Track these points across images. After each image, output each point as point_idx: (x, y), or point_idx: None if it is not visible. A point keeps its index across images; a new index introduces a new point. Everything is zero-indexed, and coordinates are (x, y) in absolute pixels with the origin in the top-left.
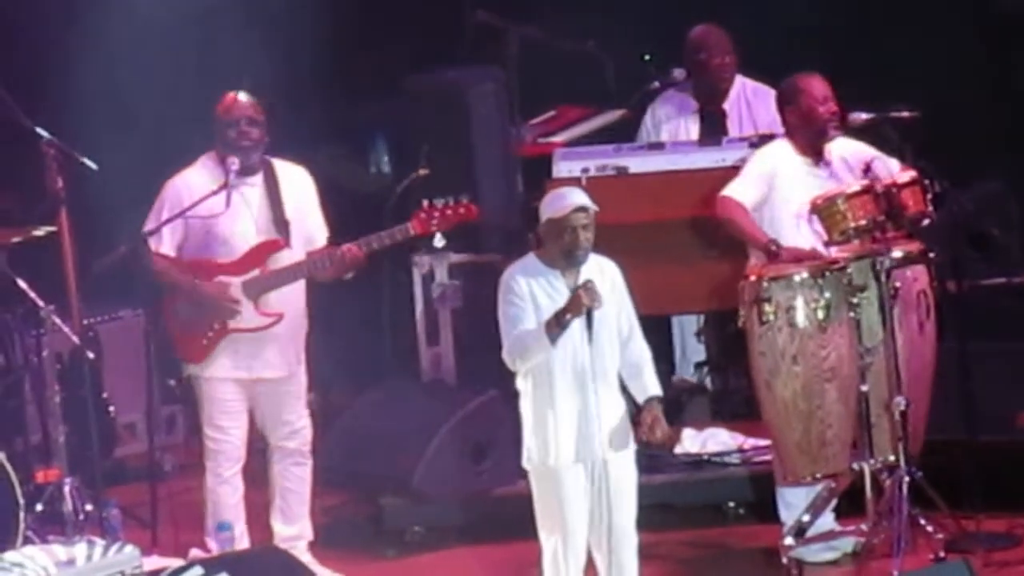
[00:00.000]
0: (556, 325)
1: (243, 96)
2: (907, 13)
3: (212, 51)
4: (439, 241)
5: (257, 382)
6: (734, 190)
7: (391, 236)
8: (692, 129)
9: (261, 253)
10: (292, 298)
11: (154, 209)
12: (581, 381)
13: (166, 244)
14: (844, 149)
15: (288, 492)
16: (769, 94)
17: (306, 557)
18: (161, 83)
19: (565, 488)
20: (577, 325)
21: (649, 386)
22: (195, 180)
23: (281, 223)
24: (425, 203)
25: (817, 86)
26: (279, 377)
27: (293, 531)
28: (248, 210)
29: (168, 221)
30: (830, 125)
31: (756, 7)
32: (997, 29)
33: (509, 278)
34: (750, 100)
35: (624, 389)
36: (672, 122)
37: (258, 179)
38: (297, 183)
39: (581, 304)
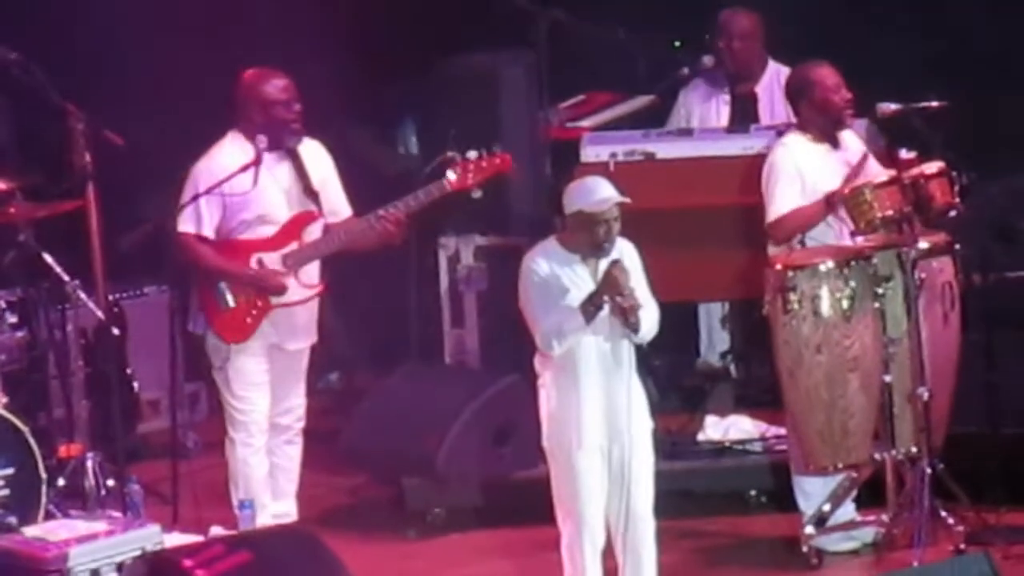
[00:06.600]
0: (592, 306)
1: (283, 76)
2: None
3: (242, 29)
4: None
5: (283, 352)
6: (779, 210)
7: (428, 194)
8: (723, 112)
9: (297, 226)
10: (315, 270)
11: (186, 197)
12: (606, 366)
13: (206, 226)
14: (850, 141)
15: (277, 468)
16: None
17: None
18: (190, 59)
19: (582, 473)
20: (605, 310)
21: None
22: (226, 160)
23: (311, 194)
24: (459, 157)
25: (829, 75)
26: (297, 350)
27: (284, 508)
28: (278, 185)
29: (196, 198)
30: (846, 113)
31: None
32: None
33: (531, 262)
34: (783, 85)
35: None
36: (704, 106)
37: (282, 152)
38: (317, 155)
39: (617, 284)
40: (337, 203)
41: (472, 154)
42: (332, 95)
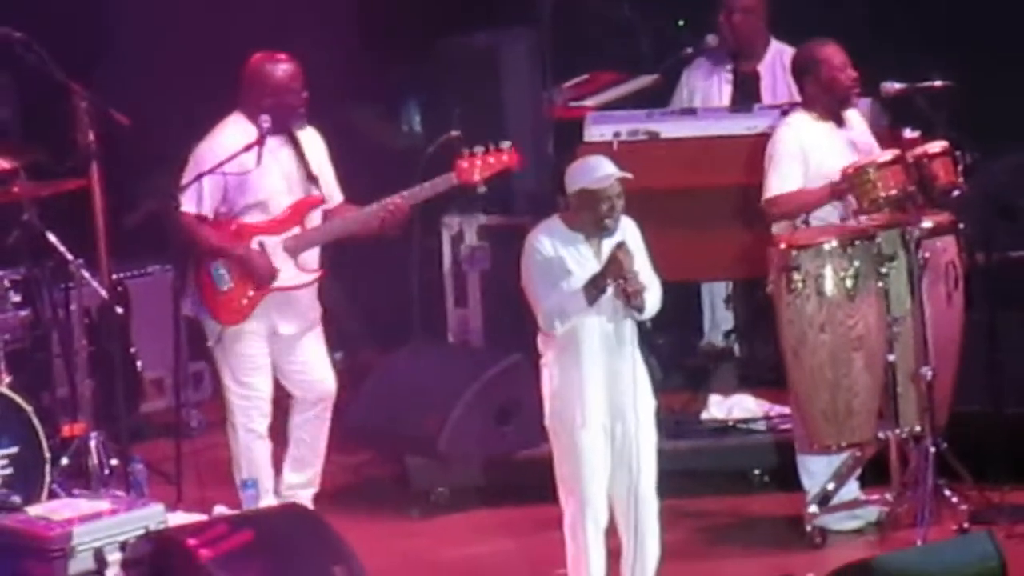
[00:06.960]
0: (595, 288)
1: (291, 61)
2: None
3: (246, 8)
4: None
5: (280, 336)
6: (777, 188)
7: (433, 187)
8: (724, 90)
9: (300, 211)
10: (315, 253)
11: (188, 178)
12: (608, 345)
13: (207, 207)
14: (854, 120)
15: (303, 443)
16: None
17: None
18: (194, 38)
19: (585, 452)
20: (608, 291)
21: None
22: (229, 142)
23: (311, 179)
24: (466, 152)
25: (835, 54)
26: (290, 334)
27: (303, 479)
28: (279, 168)
29: (199, 177)
30: (852, 92)
31: None
32: None
33: (534, 241)
34: (786, 65)
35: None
36: (705, 83)
37: (284, 137)
38: (313, 141)
39: (621, 267)
40: (330, 188)
41: (479, 149)
42: (335, 75)
